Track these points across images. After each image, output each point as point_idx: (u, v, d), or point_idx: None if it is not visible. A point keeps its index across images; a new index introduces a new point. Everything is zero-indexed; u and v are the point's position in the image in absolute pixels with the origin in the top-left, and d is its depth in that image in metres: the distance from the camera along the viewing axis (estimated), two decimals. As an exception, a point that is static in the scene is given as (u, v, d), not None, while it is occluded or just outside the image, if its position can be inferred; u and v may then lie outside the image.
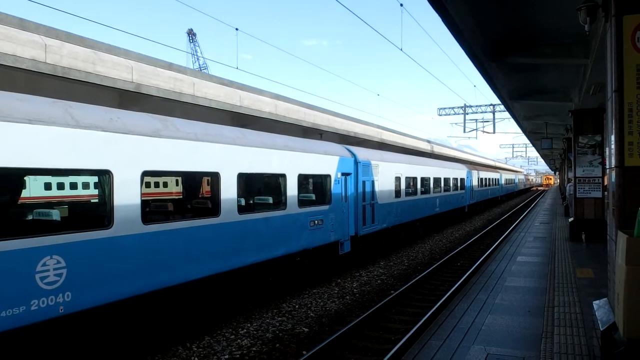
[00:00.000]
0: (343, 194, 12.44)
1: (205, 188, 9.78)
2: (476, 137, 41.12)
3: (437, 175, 22.05)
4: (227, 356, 7.01)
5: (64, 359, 5.99)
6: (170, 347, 7.24)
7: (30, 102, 5.65)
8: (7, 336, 5.08)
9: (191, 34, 69.77)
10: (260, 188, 10.40)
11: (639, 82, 3.56)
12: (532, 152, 74.14)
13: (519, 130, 26.38)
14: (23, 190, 7.08)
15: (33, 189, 18.87)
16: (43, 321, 5.33)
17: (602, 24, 5.18)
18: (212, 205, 8.14)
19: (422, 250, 17.04)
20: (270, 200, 9.94)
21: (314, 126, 20.38)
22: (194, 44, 69.62)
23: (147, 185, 16.92)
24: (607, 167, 4.35)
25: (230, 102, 14.98)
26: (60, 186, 21.39)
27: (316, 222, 10.97)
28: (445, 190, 23.49)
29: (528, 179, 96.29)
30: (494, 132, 32.58)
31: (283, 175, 9.91)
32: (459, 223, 26.51)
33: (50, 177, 19.27)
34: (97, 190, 7.60)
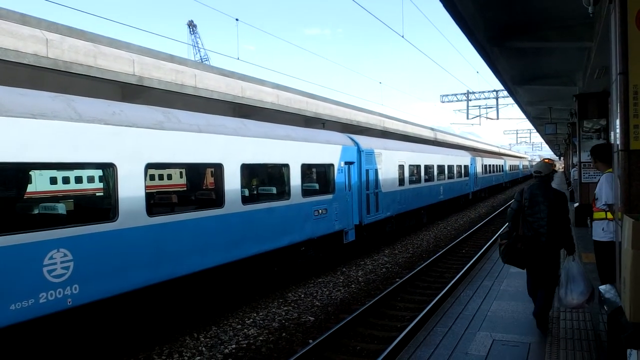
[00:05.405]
0: (346, 183, 12.43)
1: (209, 179, 9.80)
2: (479, 124, 41.01)
3: (440, 163, 21.99)
4: (234, 345, 7.08)
5: (71, 351, 6.07)
6: (178, 338, 7.32)
7: (33, 97, 5.66)
8: (17, 329, 5.15)
9: (192, 25, 69.50)
10: (263, 178, 10.41)
11: (644, 64, 3.51)
12: (537, 138, 73.76)
13: (522, 116, 26.18)
14: (29, 185, 7.12)
15: (39, 183, 18.94)
16: (52, 314, 5.39)
17: (606, 6, 5.11)
18: (216, 197, 8.16)
19: (427, 237, 17.06)
20: (274, 190, 9.94)
21: (317, 116, 20.32)
22: (195, 36, 69.40)
23: (151, 177, 16.97)
24: (613, 151, 4.32)
25: (232, 93, 14.95)
26: (66, 180, 21.46)
27: (320, 211, 10.99)
28: (449, 178, 23.43)
29: (533, 165, 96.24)
30: (497, 119, 32.40)
31: (286, 165, 9.91)
32: (463, 210, 26.49)
33: (55, 171, 19.33)
34: (101, 183, 7.64)
